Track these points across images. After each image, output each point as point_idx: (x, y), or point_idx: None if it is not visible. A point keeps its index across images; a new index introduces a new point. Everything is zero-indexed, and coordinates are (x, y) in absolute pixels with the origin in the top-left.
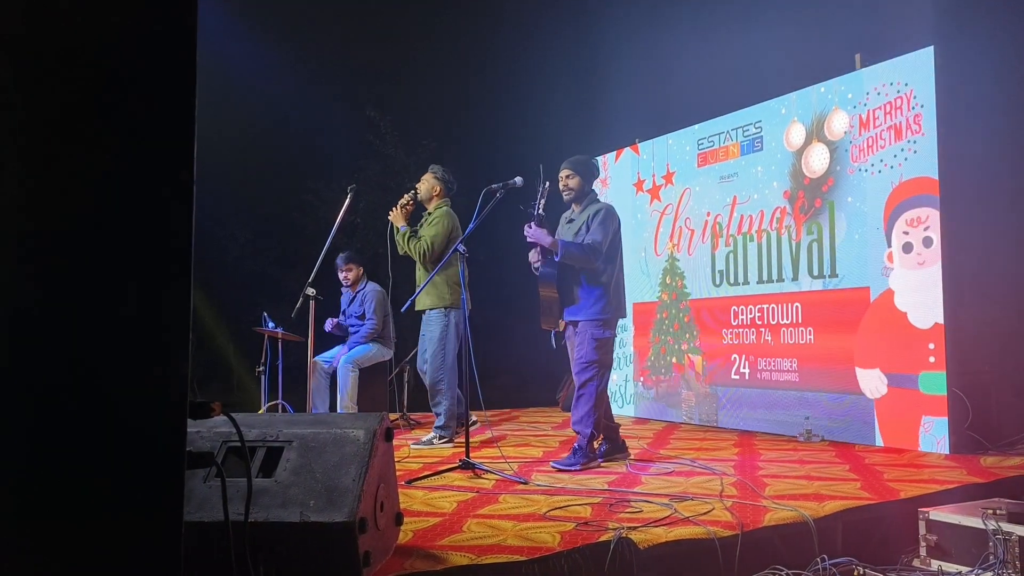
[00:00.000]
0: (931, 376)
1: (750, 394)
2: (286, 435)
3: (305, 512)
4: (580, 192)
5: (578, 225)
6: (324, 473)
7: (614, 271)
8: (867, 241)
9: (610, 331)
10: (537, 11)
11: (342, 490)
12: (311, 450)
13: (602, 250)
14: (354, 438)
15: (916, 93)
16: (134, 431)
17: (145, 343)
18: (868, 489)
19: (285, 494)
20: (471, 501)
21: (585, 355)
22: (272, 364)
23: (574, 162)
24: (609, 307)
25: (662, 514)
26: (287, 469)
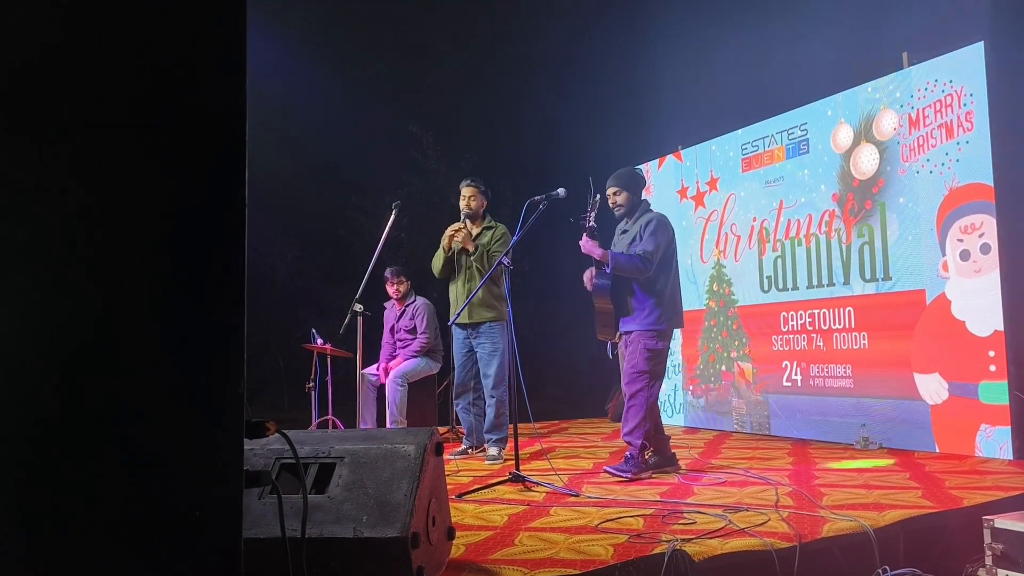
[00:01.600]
0: (991, 386)
1: (803, 401)
2: (338, 451)
3: (358, 528)
4: (630, 206)
5: (632, 235)
6: (376, 488)
7: (668, 281)
8: (920, 242)
9: (663, 342)
10: (578, 22)
11: (394, 505)
12: (363, 466)
13: (654, 260)
14: (405, 453)
15: (967, 90)
16: (195, 452)
17: (204, 364)
18: (930, 497)
19: (338, 510)
20: (522, 514)
21: (636, 365)
22: (321, 380)
23: (618, 177)
24: (663, 317)
25: (716, 525)
26: (339, 485)
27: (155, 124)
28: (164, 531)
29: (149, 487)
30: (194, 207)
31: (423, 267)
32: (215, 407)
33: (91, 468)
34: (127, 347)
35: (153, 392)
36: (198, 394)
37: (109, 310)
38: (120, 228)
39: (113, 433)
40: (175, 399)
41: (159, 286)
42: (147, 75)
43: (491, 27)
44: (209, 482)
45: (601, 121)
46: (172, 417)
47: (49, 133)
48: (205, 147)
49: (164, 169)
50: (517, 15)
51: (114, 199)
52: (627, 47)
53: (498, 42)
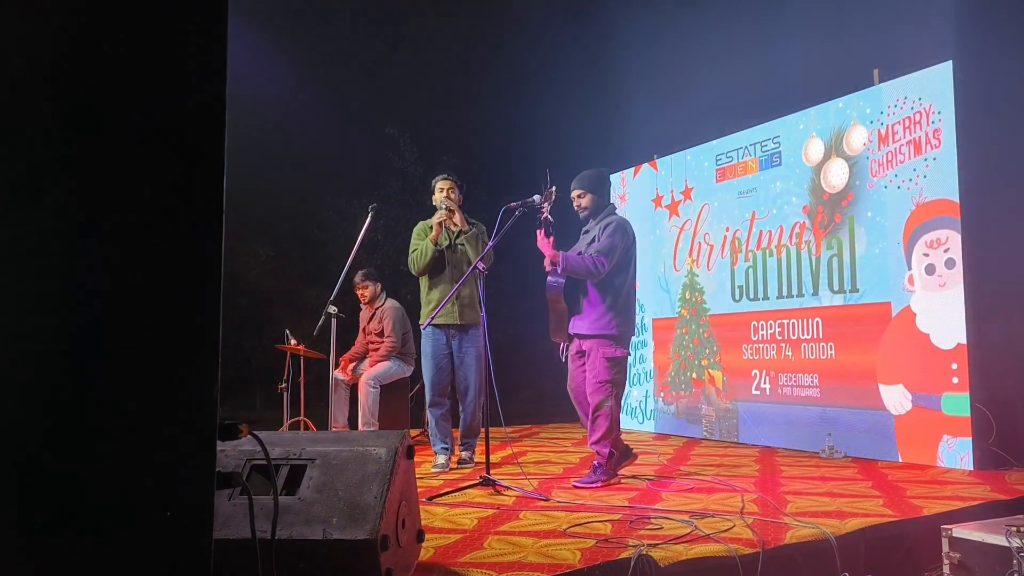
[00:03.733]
0: (954, 397)
1: (771, 410)
2: (309, 453)
3: (328, 529)
4: (595, 208)
5: (591, 236)
6: (346, 491)
7: (624, 285)
8: (887, 256)
9: (622, 349)
10: (556, 29)
11: (364, 507)
12: (334, 468)
13: (607, 261)
14: (376, 456)
15: (935, 108)
16: (167, 453)
17: (177, 365)
18: (891, 506)
19: (308, 511)
20: (492, 518)
21: (598, 375)
22: (294, 381)
23: (582, 179)
24: (616, 322)
25: (682, 531)
26: (310, 487)
27: (136, 127)
28: (134, 531)
29: (119, 487)
30: (170, 208)
31: (398, 269)
32: (188, 409)
33: (60, 468)
34: (100, 347)
35: (125, 393)
36: (171, 395)
37: (81, 310)
38: (95, 228)
39: (84, 433)
40: (147, 400)
41: (132, 287)
42: (128, 80)
43: (469, 33)
44: (181, 483)
45: (578, 128)
46: (144, 418)
47: (33, 135)
48: (183, 150)
49: (142, 171)
50: (495, 23)
51: (89, 200)
52: (604, 56)
53: (476, 48)
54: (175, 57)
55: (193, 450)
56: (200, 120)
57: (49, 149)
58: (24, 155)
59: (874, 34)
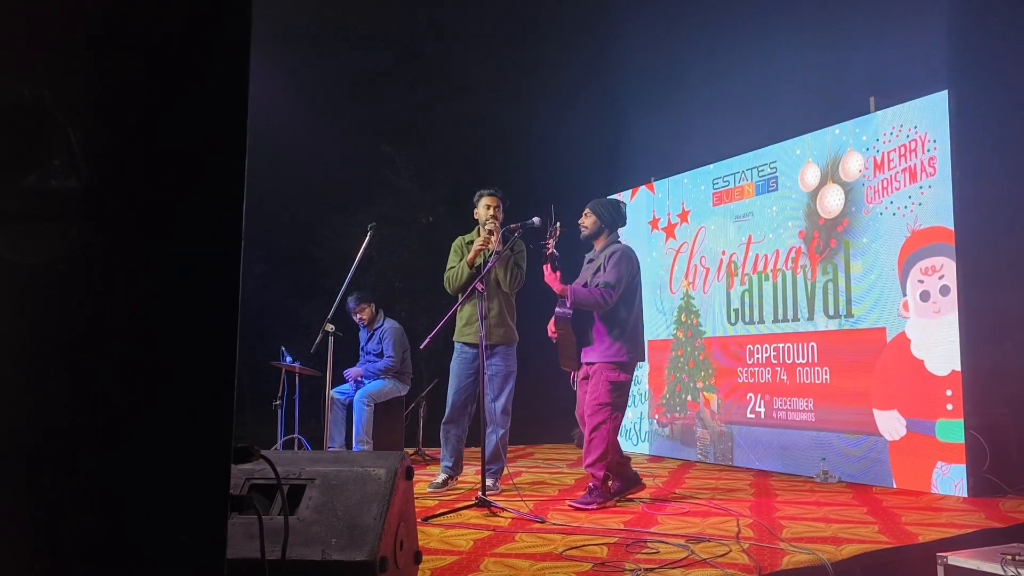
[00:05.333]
0: (948, 424)
1: (766, 433)
2: (308, 473)
3: (327, 550)
4: (595, 231)
5: (596, 265)
6: (346, 511)
7: (631, 313)
8: (882, 282)
9: (626, 374)
10: (554, 49)
11: (363, 528)
12: (333, 488)
13: (615, 292)
14: (375, 476)
15: (930, 136)
16: (182, 476)
17: (194, 386)
18: (886, 532)
19: (307, 532)
20: (488, 539)
21: (599, 397)
22: (288, 398)
23: (594, 203)
24: (624, 349)
25: (679, 555)
26: (309, 507)
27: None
28: (148, 553)
29: (134, 508)
30: (191, 230)
31: (393, 286)
32: (204, 431)
33: (75, 487)
34: (117, 366)
35: (142, 414)
36: (188, 417)
37: (100, 326)
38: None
39: (97, 455)
40: (165, 421)
41: (153, 307)
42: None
43: (467, 54)
44: (195, 505)
45: (576, 149)
46: (161, 440)
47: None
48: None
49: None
50: (493, 44)
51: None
52: (604, 78)
53: (474, 69)
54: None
55: (208, 472)
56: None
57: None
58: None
59: (870, 62)
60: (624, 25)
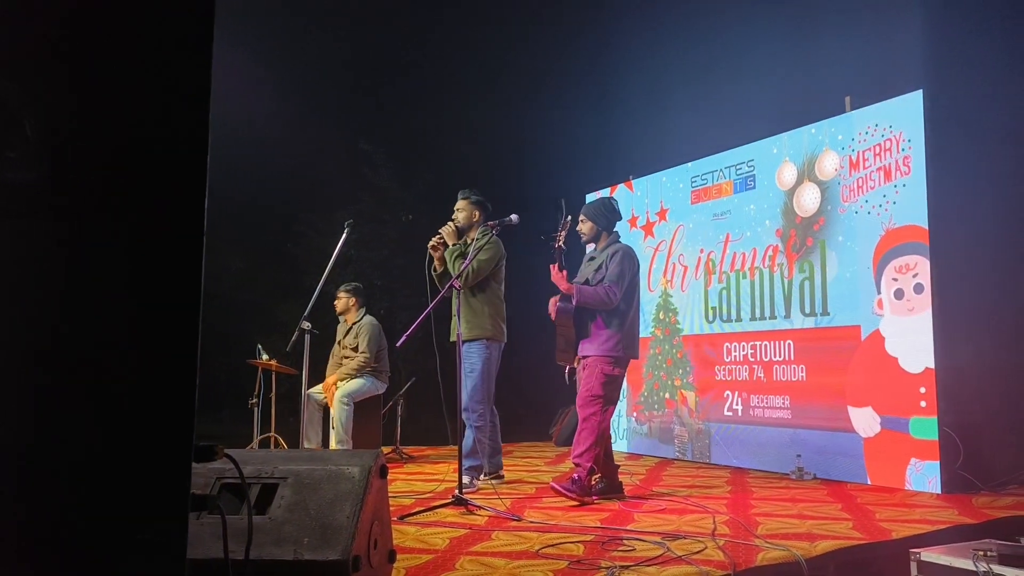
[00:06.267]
0: (922, 421)
1: (743, 431)
2: (281, 472)
3: (299, 550)
4: (594, 234)
5: (598, 263)
6: (319, 510)
7: (630, 310)
8: (857, 280)
9: (620, 369)
10: (535, 49)
11: (336, 528)
12: (306, 487)
13: (619, 291)
14: (349, 475)
15: (905, 135)
16: (141, 475)
17: (154, 385)
18: (860, 529)
19: (279, 531)
20: (464, 538)
21: (592, 388)
22: (265, 396)
23: (587, 207)
24: (621, 345)
25: (655, 553)
26: (281, 506)
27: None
28: (108, 552)
29: (92, 506)
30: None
31: (372, 283)
32: (164, 429)
33: (35, 485)
34: (74, 363)
35: (101, 412)
36: (147, 416)
37: (61, 323)
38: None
39: (54, 452)
40: (123, 419)
41: (112, 303)
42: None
43: (445, 53)
44: (155, 504)
45: (555, 147)
46: (120, 438)
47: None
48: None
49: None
50: (471, 43)
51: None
52: (582, 76)
53: (452, 68)
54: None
55: (168, 471)
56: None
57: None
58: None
59: (846, 62)
60: (605, 25)
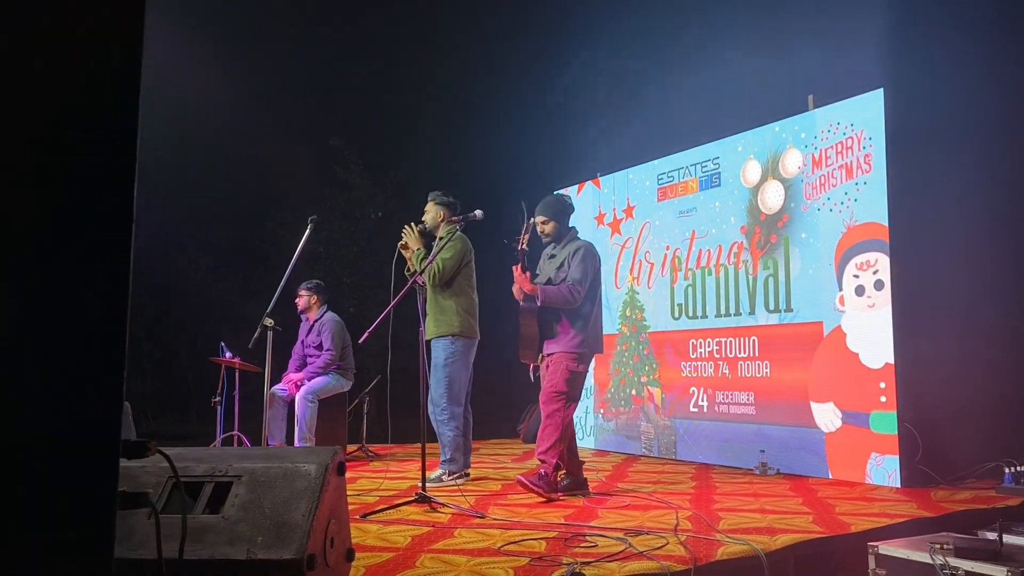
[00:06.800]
0: (882, 416)
1: (708, 427)
2: (235, 470)
3: (252, 549)
4: (558, 233)
5: (559, 261)
6: (273, 509)
7: (593, 307)
8: (820, 277)
9: (584, 365)
10: (501, 48)
11: (291, 526)
12: (261, 485)
13: (582, 289)
14: (305, 472)
15: (866, 133)
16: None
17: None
18: (820, 522)
19: (232, 531)
20: (426, 535)
21: (556, 385)
22: (229, 394)
23: (546, 206)
24: (586, 342)
25: (616, 549)
26: (235, 505)
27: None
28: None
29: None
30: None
31: (341, 281)
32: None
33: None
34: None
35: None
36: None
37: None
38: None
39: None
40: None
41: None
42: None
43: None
44: (81, 502)
45: (524, 145)
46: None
47: None
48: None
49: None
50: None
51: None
52: (550, 74)
53: (422, 64)
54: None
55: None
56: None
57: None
58: None
59: (809, 60)
60: (570, 23)
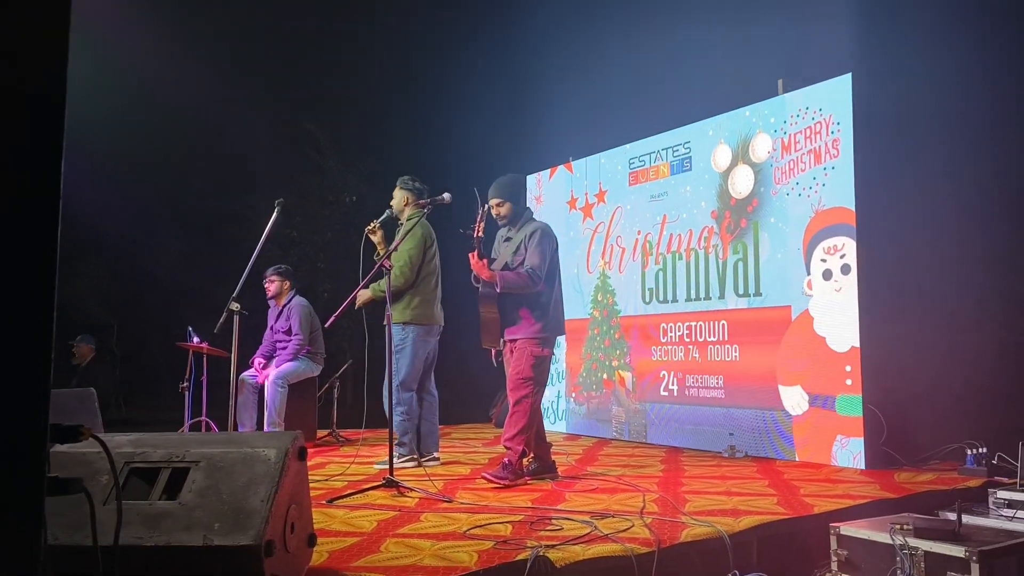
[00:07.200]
0: (848, 399)
1: (678, 410)
2: (193, 455)
3: (209, 535)
4: (514, 215)
5: (515, 244)
6: (231, 494)
7: (552, 290)
8: (788, 261)
9: (548, 349)
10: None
11: (249, 512)
12: (219, 470)
13: (541, 274)
14: (264, 457)
15: (834, 118)
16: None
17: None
18: (784, 504)
19: (189, 517)
20: (392, 520)
21: (522, 371)
22: (197, 380)
23: (500, 187)
24: (548, 326)
25: (582, 532)
26: (192, 491)
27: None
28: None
29: None
30: None
31: (315, 266)
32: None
33: None
34: None
35: None
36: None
37: None
38: None
39: None
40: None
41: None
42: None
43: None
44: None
45: (497, 129)
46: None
47: None
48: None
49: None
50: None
51: None
52: (522, 57)
53: (394, 48)
54: None
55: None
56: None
57: None
58: None
59: (779, 45)
60: (542, 8)
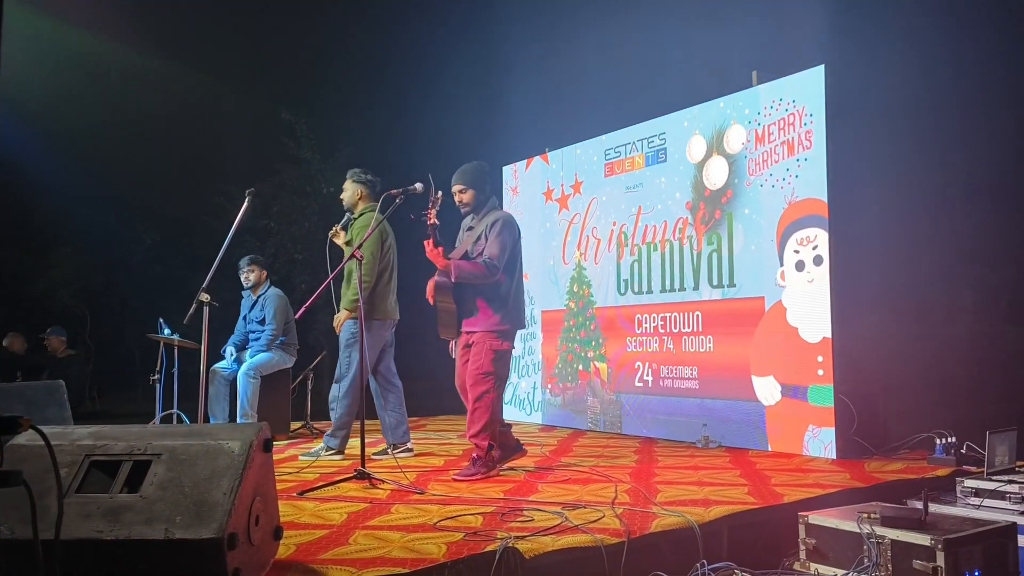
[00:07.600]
0: (819, 389)
1: (653, 401)
2: (156, 448)
3: (170, 529)
4: (477, 203)
5: (477, 233)
6: (194, 487)
7: (512, 282)
8: (762, 252)
9: (508, 342)
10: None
11: (212, 504)
12: (181, 463)
13: (499, 265)
14: (228, 450)
15: (807, 110)
16: None
17: None
18: (754, 494)
19: (150, 510)
20: (362, 512)
21: (482, 366)
22: (168, 372)
23: (464, 174)
24: (507, 318)
25: (552, 522)
26: (154, 484)
27: None
28: None
29: None
30: None
31: (293, 257)
32: None
33: None
34: None
35: None
36: None
37: None
38: None
39: None
40: None
41: None
42: None
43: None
44: None
45: (474, 120)
46: None
47: None
48: None
49: None
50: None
51: None
52: (497, 48)
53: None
54: None
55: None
56: None
57: None
58: None
59: (753, 36)
60: None
